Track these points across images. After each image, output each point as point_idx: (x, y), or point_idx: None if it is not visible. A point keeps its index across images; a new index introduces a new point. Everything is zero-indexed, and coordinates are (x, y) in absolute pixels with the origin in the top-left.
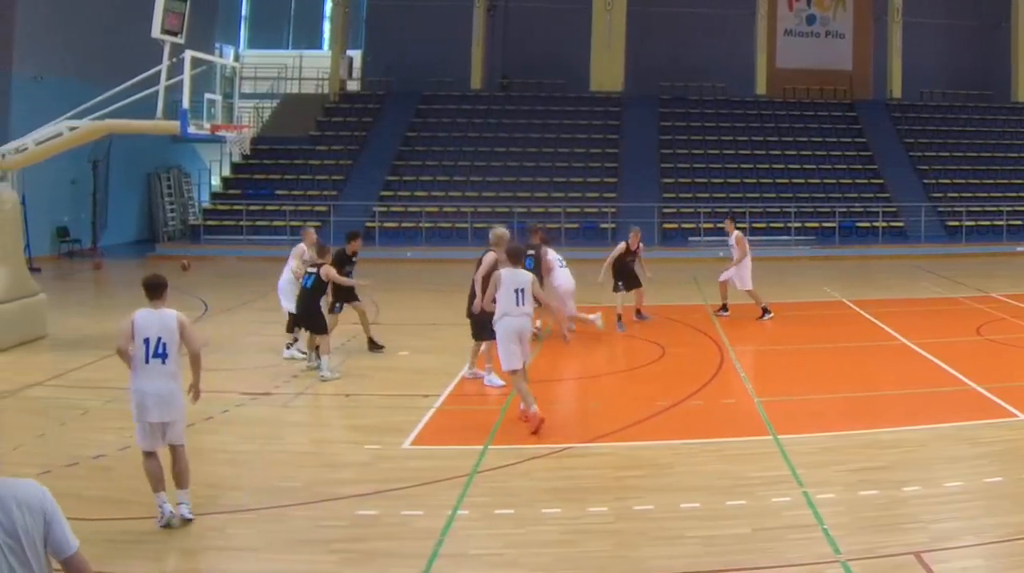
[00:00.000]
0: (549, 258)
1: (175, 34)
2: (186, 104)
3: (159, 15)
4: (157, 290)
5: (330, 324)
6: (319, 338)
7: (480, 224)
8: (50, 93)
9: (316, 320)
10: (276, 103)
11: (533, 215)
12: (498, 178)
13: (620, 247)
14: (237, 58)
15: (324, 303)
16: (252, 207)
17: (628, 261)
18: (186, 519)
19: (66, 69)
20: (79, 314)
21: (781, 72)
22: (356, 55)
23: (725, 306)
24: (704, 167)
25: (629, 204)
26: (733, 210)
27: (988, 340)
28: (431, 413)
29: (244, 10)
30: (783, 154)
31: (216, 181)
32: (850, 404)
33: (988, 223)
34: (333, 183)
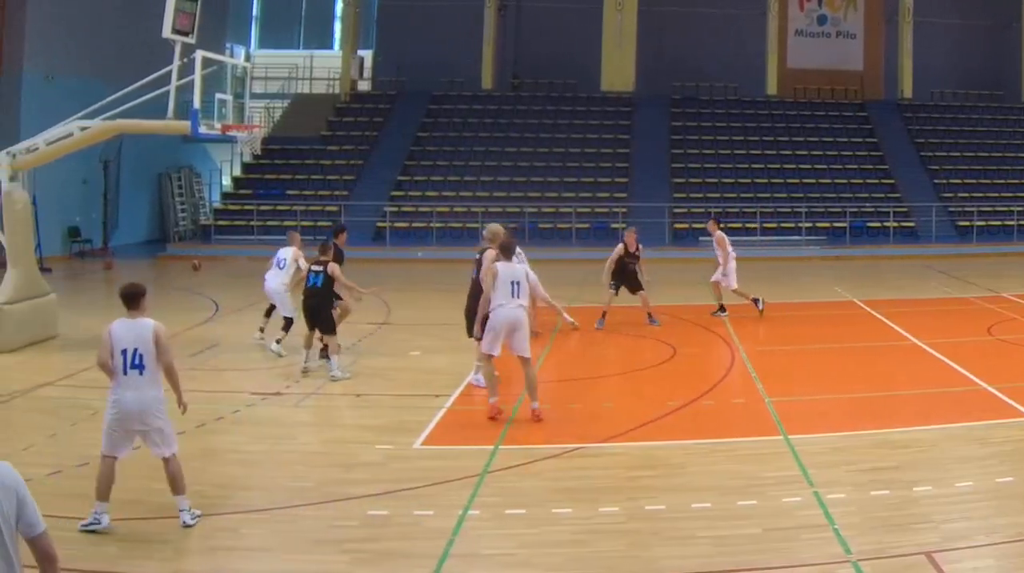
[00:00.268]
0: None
1: (186, 34)
2: (197, 104)
3: (170, 15)
4: (134, 299)
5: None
6: (328, 338)
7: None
8: (61, 93)
9: (327, 320)
10: (287, 103)
11: (544, 215)
12: (509, 178)
13: (618, 249)
14: (248, 58)
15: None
16: (263, 207)
17: (628, 262)
18: (187, 525)
19: (77, 69)
20: (90, 314)
21: (792, 72)
22: (367, 55)
23: (722, 307)
24: (715, 167)
25: (640, 204)
26: (743, 210)
27: (999, 340)
28: (442, 413)
29: (255, 10)
30: (794, 154)
31: (227, 181)
32: (861, 404)
33: (999, 223)
34: (344, 183)
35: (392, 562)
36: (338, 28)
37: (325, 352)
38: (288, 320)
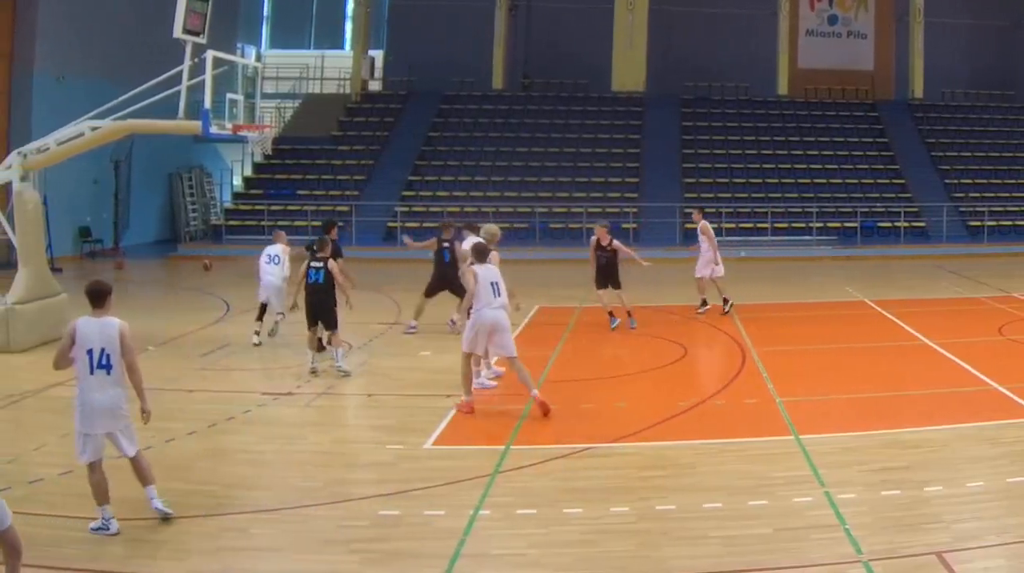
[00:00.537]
0: (464, 249)
1: (197, 34)
2: (208, 104)
3: (181, 15)
4: (100, 298)
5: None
6: (332, 334)
7: (503, 224)
8: (72, 93)
9: (332, 315)
10: (298, 103)
11: (555, 215)
12: (520, 178)
13: (592, 243)
14: (259, 58)
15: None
16: (274, 207)
17: (600, 257)
18: (162, 512)
19: (88, 69)
20: None
21: (803, 72)
22: (378, 55)
23: (725, 300)
24: (726, 167)
25: (651, 204)
26: (754, 210)
27: (1010, 340)
28: (452, 413)
29: (266, 10)
30: (805, 154)
31: (238, 181)
32: (872, 404)
33: (1010, 223)
34: (355, 183)
35: (402, 562)
36: (349, 28)
37: (321, 345)
38: (276, 313)
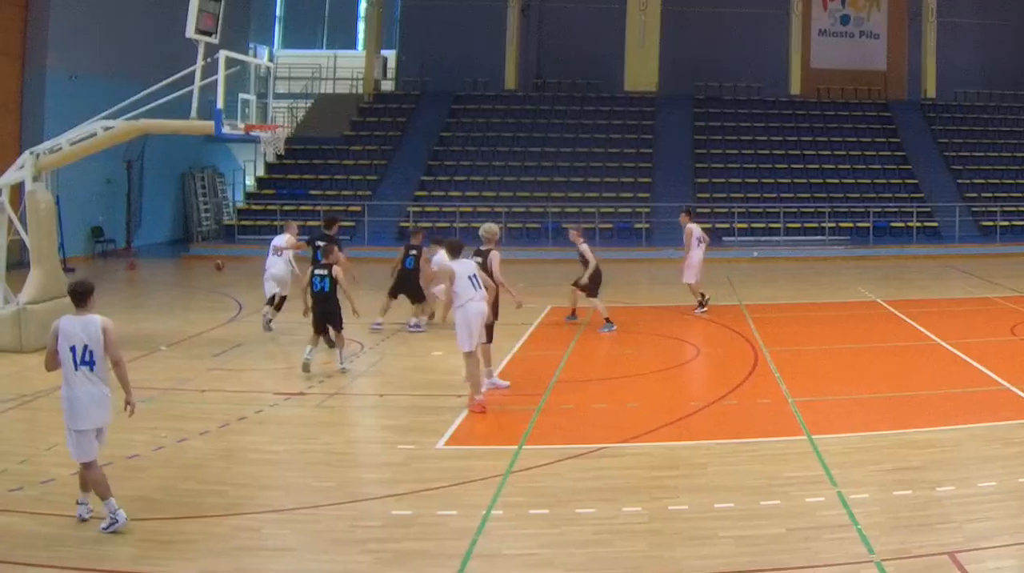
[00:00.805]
0: (433, 269)
1: (209, 34)
2: (220, 104)
3: (193, 15)
4: (83, 297)
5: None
6: (337, 335)
7: (515, 224)
8: (84, 93)
9: (338, 318)
10: (310, 103)
11: (567, 215)
12: (532, 178)
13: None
14: (271, 58)
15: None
16: (286, 207)
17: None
18: (82, 519)
19: (100, 69)
20: (113, 314)
21: (815, 72)
22: (390, 55)
23: (702, 303)
24: (738, 167)
25: (663, 204)
26: (767, 210)
27: (1022, 340)
28: (465, 413)
29: (278, 10)
30: (817, 154)
31: (250, 181)
32: (884, 404)
33: (1023, 223)
34: (367, 183)
35: (415, 562)
36: (361, 28)
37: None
38: (281, 298)
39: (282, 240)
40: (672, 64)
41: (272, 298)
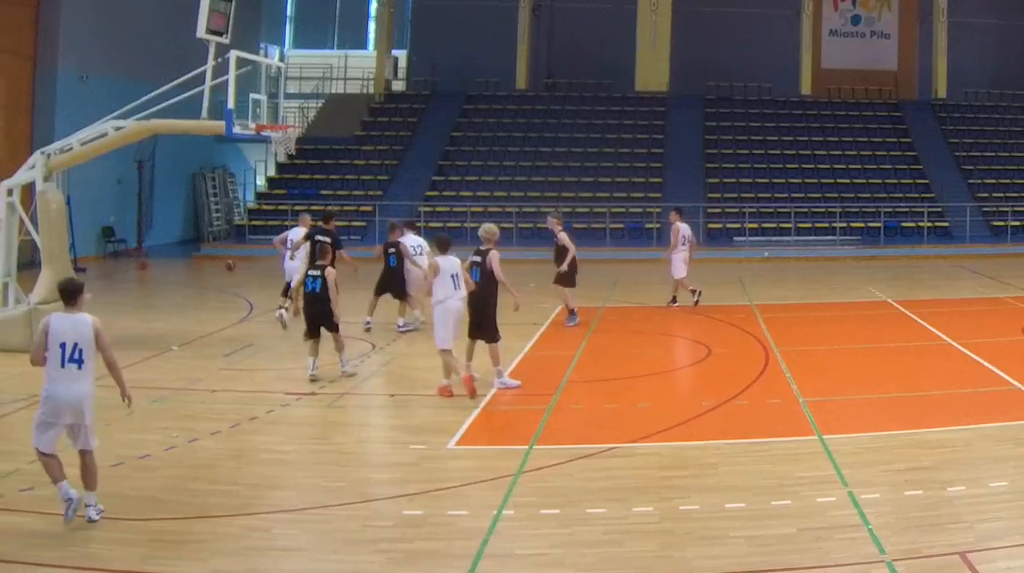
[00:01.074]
0: (408, 247)
1: (220, 34)
2: (231, 104)
3: (204, 15)
4: (72, 295)
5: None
6: (335, 336)
7: (526, 224)
8: (95, 93)
9: (331, 319)
10: (321, 103)
11: (578, 215)
12: (543, 178)
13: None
14: (282, 58)
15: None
16: (297, 207)
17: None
18: (91, 520)
19: (111, 69)
20: (124, 314)
21: (826, 72)
22: (401, 55)
23: (674, 299)
24: (749, 167)
25: (674, 204)
26: (777, 210)
27: None
28: (476, 413)
29: (289, 10)
30: (828, 154)
31: (261, 181)
32: (895, 404)
33: None
34: (378, 183)
35: (426, 562)
36: (372, 28)
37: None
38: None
39: (298, 233)
40: (683, 64)
41: (287, 287)
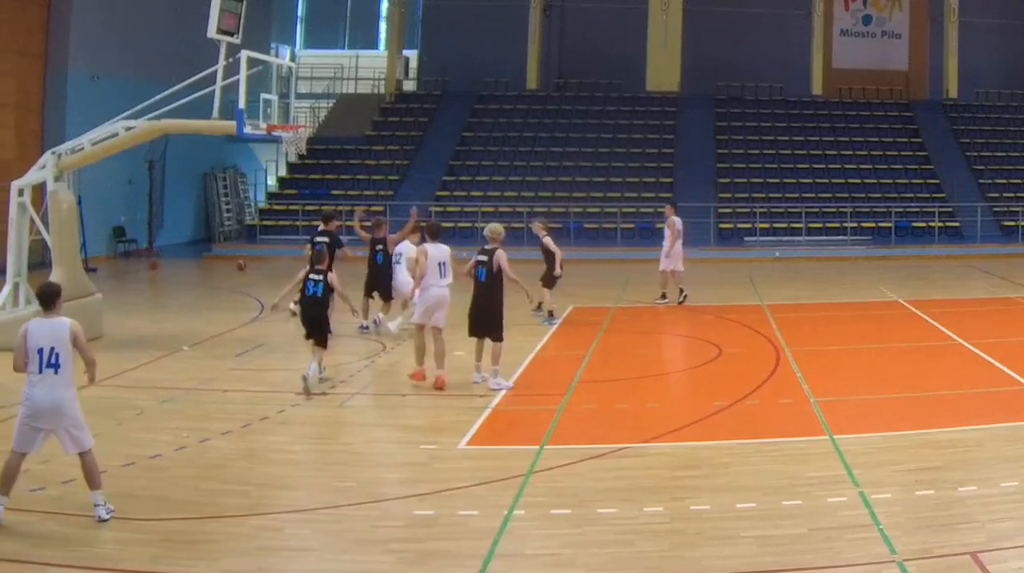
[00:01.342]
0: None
1: (231, 34)
2: (242, 104)
3: (215, 15)
4: (50, 299)
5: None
6: (317, 348)
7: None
8: (106, 93)
9: (324, 330)
10: (332, 103)
11: (589, 215)
12: (554, 178)
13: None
14: (293, 58)
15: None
16: (308, 207)
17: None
18: (102, 520)
19: (122, 69)
20: (135, 314)
21: (837, 72)
22: (412, 55)
23: (664, 295)
24: (760, 167)
25: (685, 204)
26: (788, 210)
27: None
28: (487, 413)
29: (300, 10)
30: (839, 154)
31: (272, 181)
32: (906, 404)
33: None
34: (389, 183)
35: (437, 562)
36: (383, 28)
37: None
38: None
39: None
40: (694, 64)
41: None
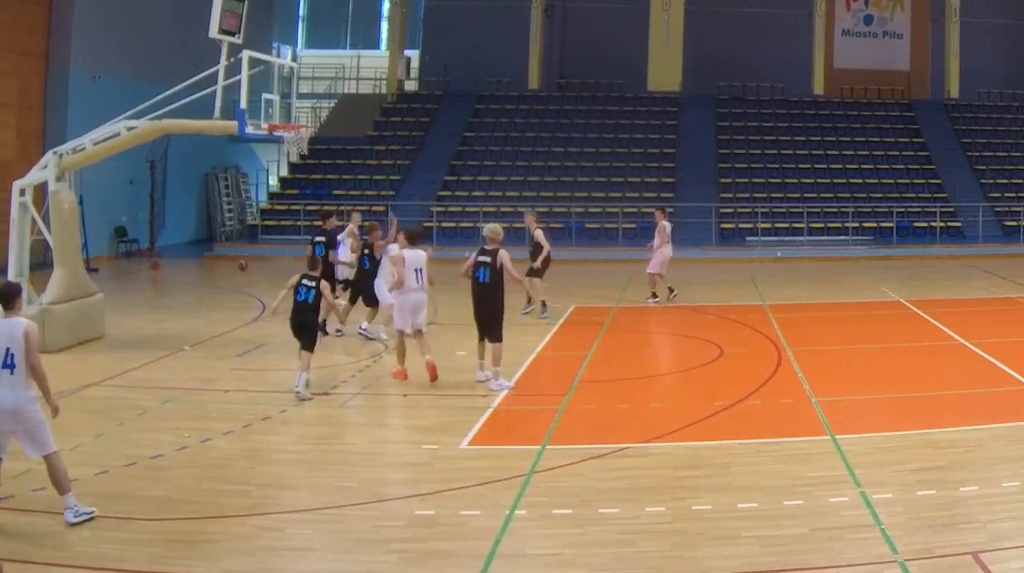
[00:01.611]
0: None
1: (233, 34)
2: (244, 104)
3: (216, 15)
4: (9, 299)
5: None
6: (305, 354)
7: (538, 224)
8: (107, 93)
9: (311, 336)
10: (334, 103)
11: (590, 215)
12: (556, 178)
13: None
14: (295, 58)
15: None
16: (310, 207)
17: (530, 247)
18: (71, 524)
19: (124, 69)
20: (137, 314)
21: (839, 72)
22: (413, 55)
23: (655, 294)
24: (761, 167)
25: (686, 204)
26: (790, 210)
27: None
28: (488, 413)
29: (302, 10)
30: (840, 154)
31: (273, 181)
32: (907, 404)
33: None
34: (391, 183)
35: (438, 562)
36: (385, 28)
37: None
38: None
39: (344, 232)
40: (696, 64)
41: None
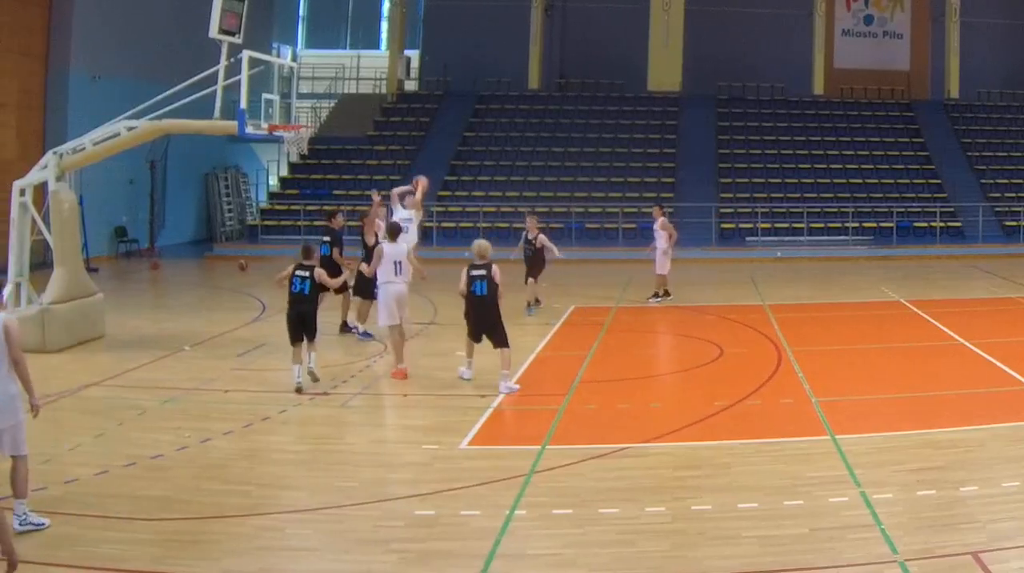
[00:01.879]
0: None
1: (233, 34)
2: (244, 104)
3: (216, 15)
4: None
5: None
6: (311, 344)
7: (538, 225)
8: (107, 93)
9: (314, 327)
10: (334, 103)
11: (590, 215)
12: (556, 178)
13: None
14: (295, 58)
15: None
16: (310, 207)
17: (526, 249)
18: (15, 531)
19: (123, 69)
20: (137, 314)
21: (839, 72)
22: (413, 55)
23: (657, 294)
24: (761, 167)
25: (686, 204)
26: (790, 210)
27: None
28: (489, 413)
29: (302, 10)
30: (840, 154)
31: (273, 181)
32: (908, 404)
33: None
34: (391, 183)
35: (438, 562)
36: (385, 28)
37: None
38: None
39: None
40: (696, 64)
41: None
